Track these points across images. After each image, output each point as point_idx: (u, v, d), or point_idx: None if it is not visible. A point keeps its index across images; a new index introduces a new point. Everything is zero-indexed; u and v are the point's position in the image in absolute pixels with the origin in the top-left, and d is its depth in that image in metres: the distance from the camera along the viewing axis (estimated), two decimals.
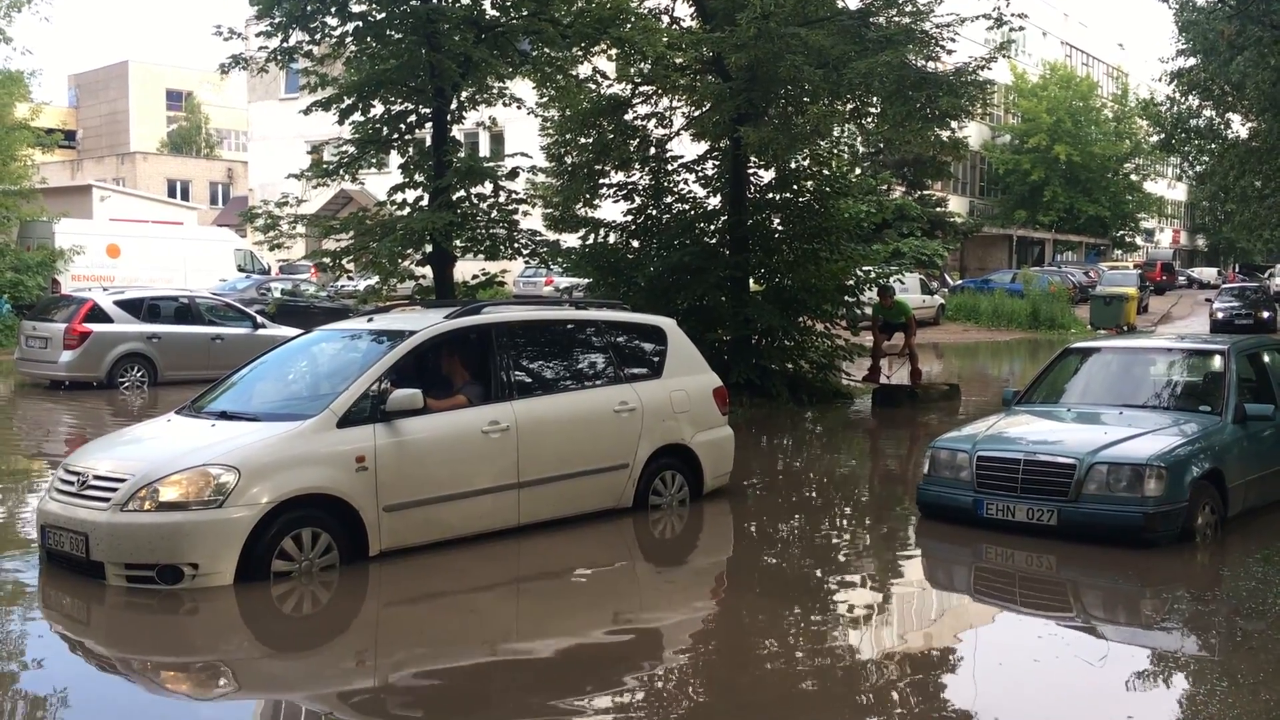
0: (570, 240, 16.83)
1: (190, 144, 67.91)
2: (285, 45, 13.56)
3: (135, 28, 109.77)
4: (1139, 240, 67.31)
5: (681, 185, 17.25)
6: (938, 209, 45.97)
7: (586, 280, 18.34)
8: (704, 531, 9.22)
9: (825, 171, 17.39)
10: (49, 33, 77.58)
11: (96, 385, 17.26)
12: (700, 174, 17.26)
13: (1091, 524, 8.05)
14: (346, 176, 13.97)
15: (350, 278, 15.28)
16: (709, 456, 9.36)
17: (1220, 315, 33.53)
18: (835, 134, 17.37)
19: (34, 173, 29.63)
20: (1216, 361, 9.78)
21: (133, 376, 17.57)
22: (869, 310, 17.88)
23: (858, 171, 18.33)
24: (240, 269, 33.35)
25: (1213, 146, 32.56)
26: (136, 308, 18.19)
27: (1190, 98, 34.25)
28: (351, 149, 13.69)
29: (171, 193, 53.94)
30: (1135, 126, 56.20)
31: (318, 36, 13.58)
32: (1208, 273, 67.38)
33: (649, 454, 8.85)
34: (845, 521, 10.18)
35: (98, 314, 17.66)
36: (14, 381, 18.98)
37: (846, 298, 17.35)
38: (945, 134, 17.15)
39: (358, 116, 13.48)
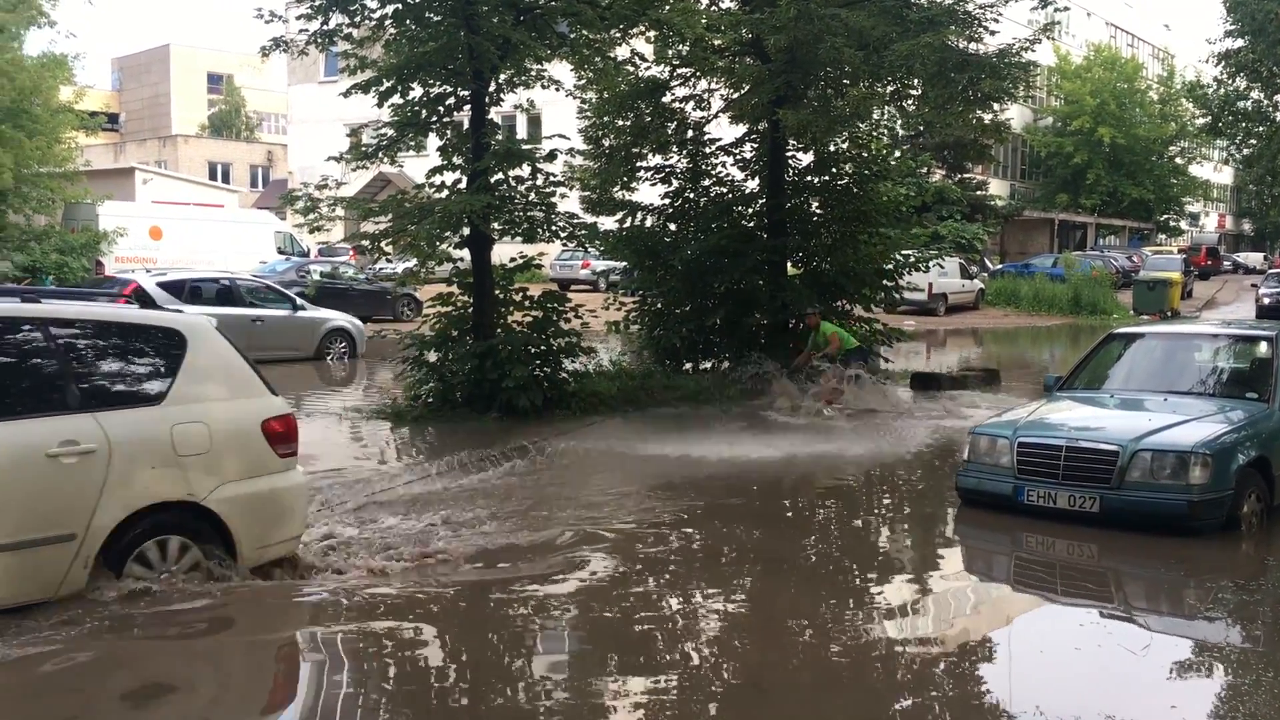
0: (608, 223, 16.82)
1: (230, 127, 68.45)
2: (325, 28, 13.59)
3: (177, 11, 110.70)
4: (1184, 224, 66.34)
5: (719, 168, 17.18)
6: (978, 192, 45.52)
7: (623, 263, 18.34)
8: (240, 625, 6.20)
9: (865, 154, 17.25)
10: (92, 16, 78.37)
11: None
12: (738, 157, 17.18)
13: (1135, 512, 7.96)
14: (385, 159, 14.00)
15: (389, 260, 15.31)
16: (247, 517, 6.54)
17: (1267, 301, 32.94)
18: (875, 116, 17.23)
19: (78, 155, 29.99)
20: (1263, 348, 9.61)
21: None
22: (908, 295, 17.74)
23: (897, 154, 18.16)
24: (280, 251, 33.63)
25: (1260, 129, 32.07)
26: (179, 289, 18.36)
27: (1238, 79, 33.72)
28: (390, 132, 13.71)
29: (212, 175, 54.44)
30: (1181, 109, 55.44)
31: (357, 19, 13.59)
32: (1253, 257, 66.30)
33: (124, 516, 6.03)
34: (882, 508, 10.12)
35: (141, 296, 17.76)
36: None
37: (885, 282, 17.22)
38: (987, 117, 16.95)
39: (396, 99, 13.49)
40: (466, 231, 13.24)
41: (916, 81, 15.97)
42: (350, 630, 6.13)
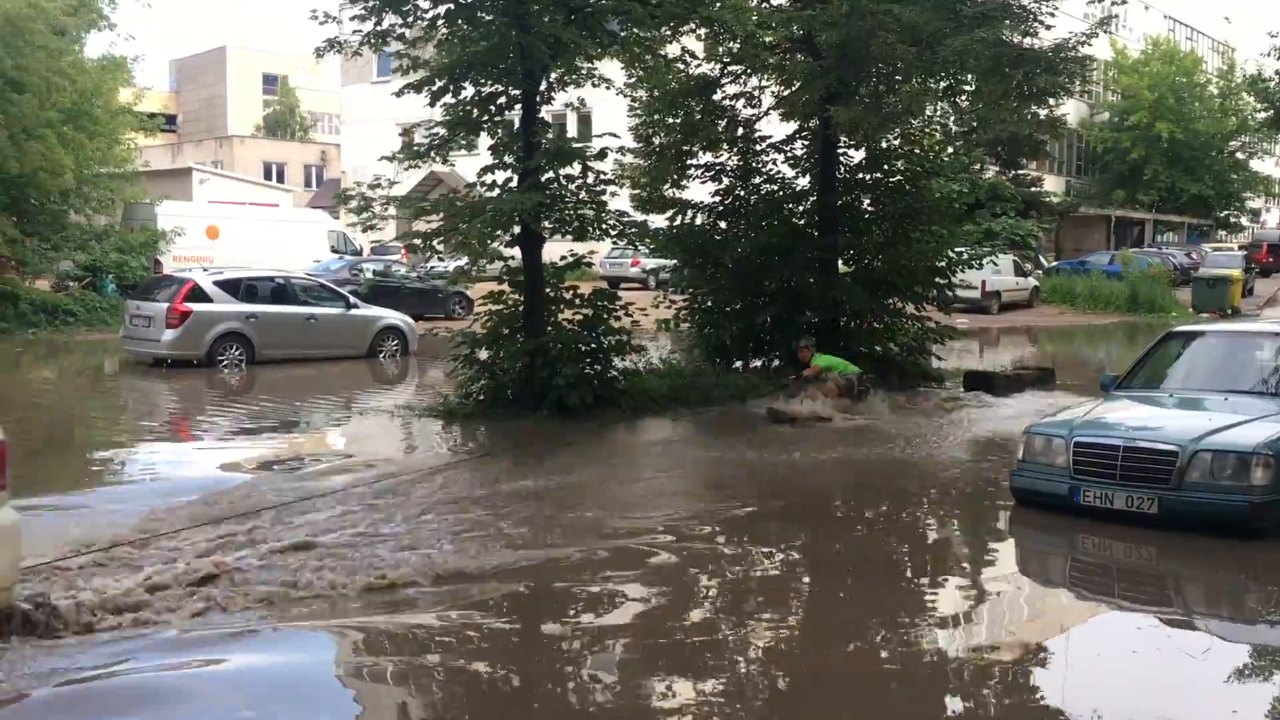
0: (658, 221, 16.81)
1: (285, 127, 69.27)
2: (378, 28, 13.71)
3: (233, 13, 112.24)
4: (1244, 220, 65.04)
5: (770, 165, 17.08)
6: (1033, 189, 44.92)
7: (673, 261, 18.31)
8: None
9: (917, 151, 17.10)
10: (150, 19, 79.68)
11: (197, 363, 17.73)
12: (789, 154, 17.08)
13: (1194, 513, 7.82)
14: (437, 158, 14.09)
15: (440, 259, 15.41)
16: None
17: None
18: (928, 113, 17.07)
19: (137, 156, 30.49)
20: None
21: (231, 355, 18.01)
22: (961, 293, 17.54)
23: (950, 150, 17.95)
24: (333, 250, 34.05)
25: None
26: (235, 288, 18.64)
27: None
28: (442, 131, 13.79)
29: (267, 175, 55.12)
30: (1242, 103, 54.30)
31: (410, 19, 13.69)
32: None
33: None
34: (934, 508, 10.02)
35: (198, 294, 18.13)
36: (119, 360, 19.62)
37: (937, 279, 17.06)
38: (1043, 112, 16.72)
39: (448, 99, 13.58)
40: (517, 230, 13.30)
41: (970, 77, 15.79)
42: None
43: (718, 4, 14.08)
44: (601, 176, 14.00)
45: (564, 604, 6.72)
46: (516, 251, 13.71)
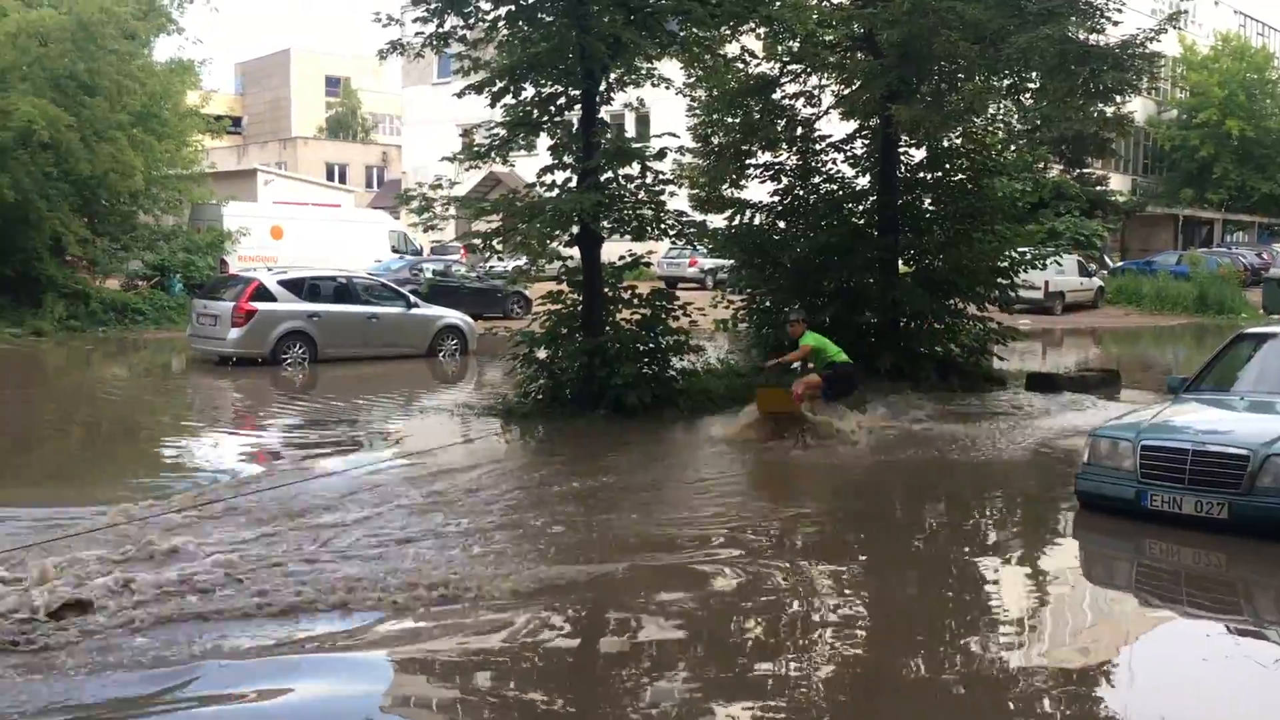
0: (716, 221, 16.78)
1: (347, 129, 70.13)
2: (440, 30, 13.84)
3: (297, 16, 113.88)
4: None
5: (829, 165, 16.98)
6: (1098, 188, 44.18)
7: (730, 261, 18.27)
8: None
9: (979, 150, 16.89)
10: (217, 22, 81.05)
11: (261, 361, 18.01)
12: (849, 153, 16.96)
13: (1266, 518, 7.65)
14: (497, 159, 14.19)
15: (499, 259, 15.48)
16: None
17: None
18: (990, 111, 16.88)
19: (204, 157, 31.04)
20: None
21: (294, 353, 18.27)
22: (1024, 293, 17.29)
23: (1013, 149, 17.71)
24: (394, 250, 34.39)
25: None
26: (298, 287, 18.90)
27: None
28: (502, 132, 13.89)
29: (330, 176, 55.83)
30: None
31: (471, 21, 13.80)
32: None
33: None
34: (996, 510, 9.90)
35: (263, 293, 18.41)
36: (185, 358, 20.00)
37: (999, 280, 16.85)
38: (1109, 110, 16.45)
39: (508, 99, 13.67)
40: (576, 230, 13.33)
41: (1035, 75, 15.58)
42: None
43: (778, 3, 14.03)
44: (660, 176, 14.00)
45: (618, 620, 6.63)
46: (575, 251, 13.75)
